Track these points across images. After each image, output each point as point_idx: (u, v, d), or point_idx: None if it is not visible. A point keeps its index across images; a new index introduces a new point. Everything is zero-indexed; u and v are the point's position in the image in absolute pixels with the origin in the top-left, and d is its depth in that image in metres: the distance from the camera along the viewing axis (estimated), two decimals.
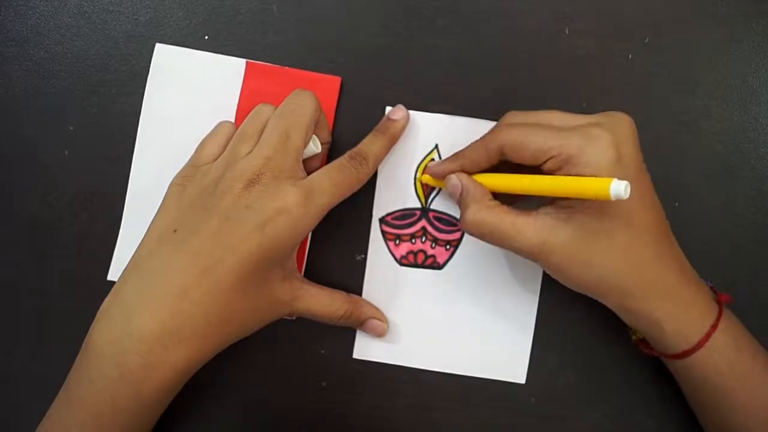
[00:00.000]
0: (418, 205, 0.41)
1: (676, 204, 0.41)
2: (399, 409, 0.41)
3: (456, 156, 0.37)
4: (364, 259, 0.41)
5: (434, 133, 0.41)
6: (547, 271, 0.35)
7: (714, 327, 0.33)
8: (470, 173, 0.37)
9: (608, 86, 0.41)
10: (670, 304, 0.34)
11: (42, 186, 0.42)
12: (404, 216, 0.41)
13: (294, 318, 0.41)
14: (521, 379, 0.41)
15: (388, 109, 0.41)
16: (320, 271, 0.41)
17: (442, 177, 0.38)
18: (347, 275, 0.41)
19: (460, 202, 0.36)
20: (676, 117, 0.41)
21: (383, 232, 0.41)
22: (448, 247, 0.41)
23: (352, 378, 0.41)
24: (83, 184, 0.42)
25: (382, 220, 0.41)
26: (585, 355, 0.41)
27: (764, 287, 0.41)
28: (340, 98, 0.41)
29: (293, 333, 0.41)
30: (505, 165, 0.36)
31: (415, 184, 0.41)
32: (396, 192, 0.41)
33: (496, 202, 0.35)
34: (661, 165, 0.41)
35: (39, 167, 0.42)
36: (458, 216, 0.41)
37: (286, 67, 0.41)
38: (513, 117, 0.36)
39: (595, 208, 0.32)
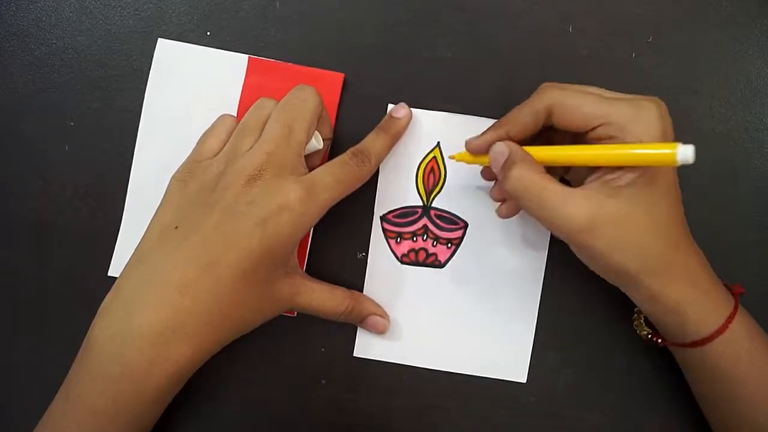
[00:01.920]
0: (420, 203, 0.41)
1: None
2: (399, 407, 0.41)
3: (498, 123, 0.35)
4: (365, 257, 0.41)
5: (436, 131, 0.41)
6: (584, 252, 0.33)
7: (733, 315, 0.33)
8: (514, 140, 0.34)
9: (611, 85, 0.41)
10: (694, 289, 0.33)
11: (42, 181, 0.42)
12: (406, 214, 0.41)
13: (295, 314, 0.41)
14: (522, 378, 0.41)
15: (391, 106, 0.40)
16: (321, 269, 0.41)
17: (484, 150, 0.35)
18: (348, 273, 0.41)
19: (504, 165, 0.33)
20: (679, 117, 0.41)
21: (384, 230, 0.41)
22: (449, 245, 0.41)
23: (352, 376, 0.41)
24: (84, 179, 0.42)
25: (383, 218, 0.41)
26: (586, 355, 0.41)
27: (767, 287, 0.41)
28: (342, 95, 0.41)
29: (293, 330, 0.41)
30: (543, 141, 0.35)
31: (416, 181, 0.41)
32: (397, 189, 0.41)
33: (544, 169, 0.33)
34: None
35: (39, 163, 0.42)
36: (460, 214, 0.41)
37: (289, 63, 0.41)
38: (556, 84, 0.34)
39: (644, 180, 0.31)
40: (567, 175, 0.39)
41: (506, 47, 0.41)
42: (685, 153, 0.28)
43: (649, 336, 0.37)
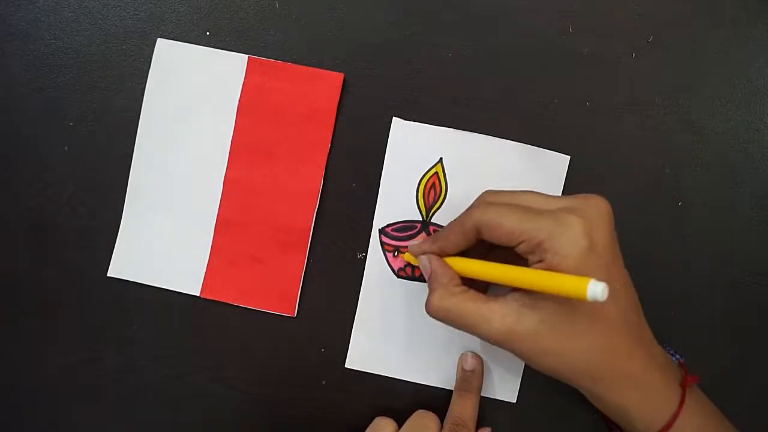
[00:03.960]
0: (419, 218, 0.41)
1: (680, 204, 0.41)
2: (398, 407, 0.41)
3: (435, 236, 0.36)
4: (365, 258, 0.41)
5: (439, 147, 0.41)
6: (519, 357, 0.34)
7: (676, 415, 0.33)
8: (449, 254, 0.36)
9: (612, 85, 0.41)
10: (639, 392, 0.33)
11: (41, 181, 0.42)
12: (404, 228, 0.41)
13: (295, 314, 0.41)
14: (512, 398, 0.41)
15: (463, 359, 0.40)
16: (321, 267, 0.41)
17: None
18: (348, 272, 0.41)
19: (428, 285, 0.35)
20: (679, 116, 0.41)
21: (382, 243, 0.41)
22: None
23: (351, 376, 0.41)
24: (83, 179, 0.42)
25: (381, 231, 0.41)
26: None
27: (767, 287, 0.41)
28: (342, 95, 0.41)
29: (294, 331, 0.41)
30: (493, 248, 0.35)
31: (417, 196, 0.41)
32: (397, 203, 0.41)
33: (463, 288, 0.34)
34: (665, 164, 0.41)
35: (38, 163, 0.42)
36: None
37: (289, 63, 0.41)
38: (490, 196, 0.35)
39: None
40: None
41: (506, 47, 0.41)
42: (594, 291, 0.27)
43: (607, 422, 0.38)
